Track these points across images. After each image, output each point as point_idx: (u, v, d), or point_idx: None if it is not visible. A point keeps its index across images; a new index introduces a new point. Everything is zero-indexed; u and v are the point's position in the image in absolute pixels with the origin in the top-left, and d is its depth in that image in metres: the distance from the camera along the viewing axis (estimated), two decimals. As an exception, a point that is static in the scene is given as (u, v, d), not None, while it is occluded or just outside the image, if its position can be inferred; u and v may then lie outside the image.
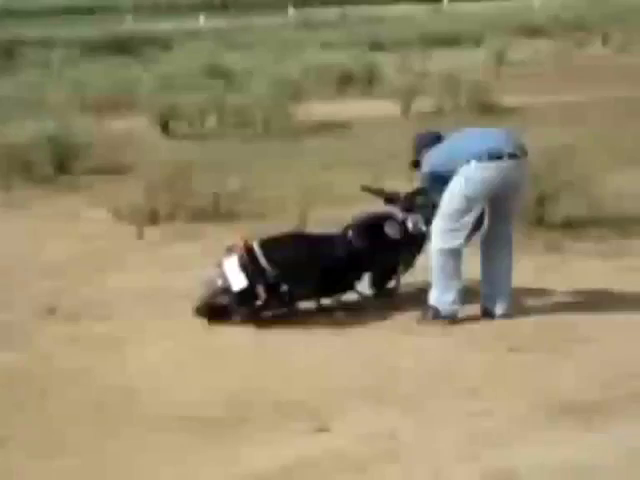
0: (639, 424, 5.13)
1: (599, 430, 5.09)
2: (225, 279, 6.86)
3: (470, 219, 6.72)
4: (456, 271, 6.78)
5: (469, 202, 6.69)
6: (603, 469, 4.67)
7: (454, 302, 6.79)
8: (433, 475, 4.67)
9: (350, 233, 7.25)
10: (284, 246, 7.11)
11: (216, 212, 10.26)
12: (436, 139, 7.13)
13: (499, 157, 6.65)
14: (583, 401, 5.44)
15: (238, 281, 6.80)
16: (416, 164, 7.16)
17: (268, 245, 7.00)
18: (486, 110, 16.65)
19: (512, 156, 6.69)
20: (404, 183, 7.89)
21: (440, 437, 5.09)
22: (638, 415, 5.25)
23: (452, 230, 6.73)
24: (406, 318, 6.94)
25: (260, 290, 6.84)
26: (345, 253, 7.15)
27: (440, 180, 6.85)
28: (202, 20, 46.40)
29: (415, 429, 5.20)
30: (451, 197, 6.74)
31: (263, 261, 6.87)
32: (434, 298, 6.81)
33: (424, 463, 4.79)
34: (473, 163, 6.64)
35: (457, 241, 6.74)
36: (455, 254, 6.77)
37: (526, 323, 6.78)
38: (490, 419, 5.28)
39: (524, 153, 6.80)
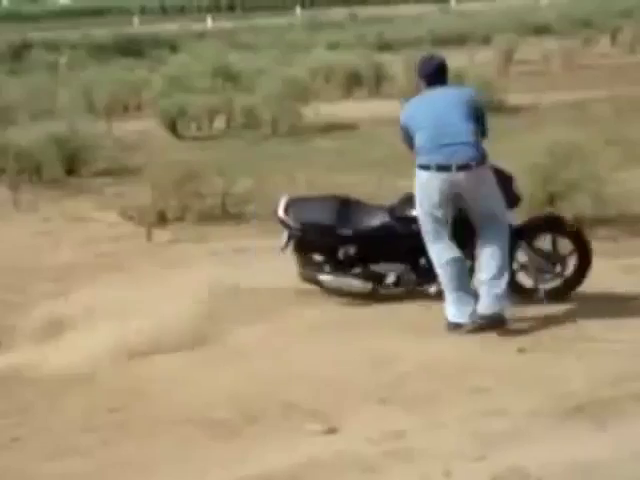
0: (649, 423, 5.13)
1: (609, 429, 5.07)
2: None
3: (442, 227, 6.62)
4: (461, 281, 6.67)
5: (430, 208, 6.62)
6: (613, 467, 4.65)
7: (472, 312, 6.62)
8: (443, 475, 4.66)
9: (398, 205, 7.28)
10: (311, 204, 7.39)
11: (225, 213, 10.28)
12: (433, 72, 6.84)
13: (447, 169, 6.53)
14: (593, 400, 5.43)
15: (283, 237, 7.30)
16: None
17: (294, 202, 7.33)
18: (495, 109, 16.61)
19: (461, 167, 6.51)
20: (412, 183, 7.87)
21: (450, 437, 5.08)
22: (648, 414, 5.24)
23: (437, 243, 6.68)
24: (416, 318, 6.93)
25: (289, 245, 7.26)
26: (392, 222, 7.19)
27: (409, 135, 6.80)
28: (209, 21, 46.47)
29: (425, 429, 5.19)
30: (416, 203, 6.77)
31: (282, 215, 7.25)
32: (451, 314, 6.70)
33: (434, 463, 4.78)
34: (424, 172, 6.59)
35: (447, 255, 6.66)
36: (453, 266, 6.66)
37: (535, 323, 6.76)
38: (500, 419, 5.27)
39: (479, 161, 6.53)
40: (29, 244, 9.75)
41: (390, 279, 7.24)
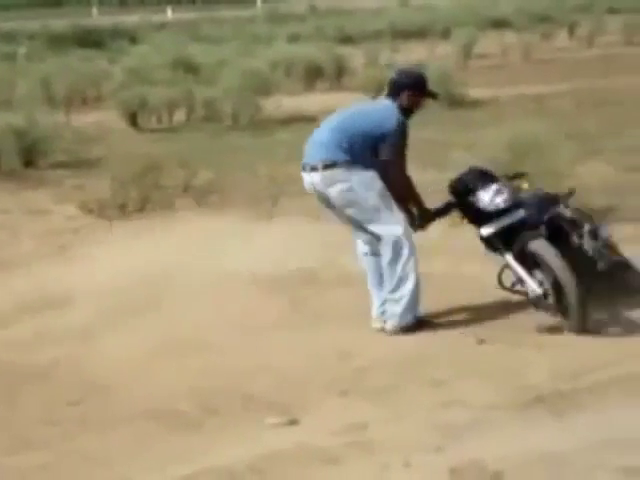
0: (608, 413, 5.17)
1: (568, 420, 5.11)
2: None
3: (349, 225, 6.67)
4: (370, 276, 6.72)
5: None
6: (571, 458, 4.69)
7: (375, 309, 6.71)
8: (403, 466, 4.68)
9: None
10: None
11: (185, 205, 10.25)
12: (392, 84, 6.64)
13: (305, 169, 6.56)
14: (552, 391, 5.46)
15: None
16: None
17: None
18: (454, 102, 16.71)
19: (312, 168, 6.49)
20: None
21: (410, 428, 5.10)
22: (607, 404, 5.27)
23: (356, 237, 6.71)
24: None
25: None
26: None
27: None
28: (169, 13, 46.29)
29: (385, 421, 5.21)
30: None
31: None
32: None
33: (395, 455, 4.79)
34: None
35: (359, 249, 6.73)
36: (363, 261, 6.74)
37: (495, 314, 6.80)
38: (460, 410, 5.29)
39: (328, 164, 6.41)
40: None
41: None
